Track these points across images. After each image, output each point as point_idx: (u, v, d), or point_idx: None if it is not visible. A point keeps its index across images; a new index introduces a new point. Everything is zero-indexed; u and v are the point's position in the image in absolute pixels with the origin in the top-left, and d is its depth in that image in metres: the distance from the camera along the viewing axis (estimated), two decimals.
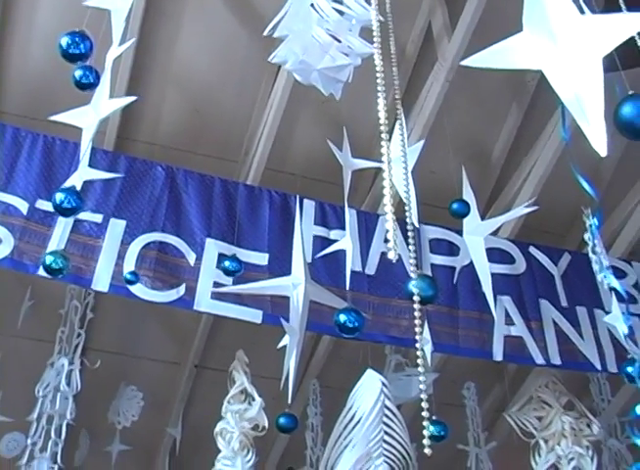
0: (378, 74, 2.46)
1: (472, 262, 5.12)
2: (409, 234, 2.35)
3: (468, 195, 4.88)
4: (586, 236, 4.65)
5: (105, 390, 6.80)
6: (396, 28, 3.09)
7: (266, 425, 5.37)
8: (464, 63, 2.29)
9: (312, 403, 6.81)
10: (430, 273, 5.23)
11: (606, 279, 4.53)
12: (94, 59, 3.18)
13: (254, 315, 4.84)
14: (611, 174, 6.26)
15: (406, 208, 2.49)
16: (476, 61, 2.25)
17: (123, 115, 5.64)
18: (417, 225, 3.34)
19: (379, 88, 2.40)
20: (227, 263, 4.70)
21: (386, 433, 4.11)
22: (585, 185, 2.99)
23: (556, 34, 2.24)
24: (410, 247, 2.33)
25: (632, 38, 3.02)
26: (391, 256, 1.95)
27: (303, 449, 6.71)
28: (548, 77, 2.26)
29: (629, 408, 4.21)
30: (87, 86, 3.28)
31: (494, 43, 2.03)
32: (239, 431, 5.37)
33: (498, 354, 5.31)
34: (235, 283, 4.79)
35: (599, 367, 5.60)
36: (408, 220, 2.39)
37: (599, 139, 2.02)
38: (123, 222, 4.95)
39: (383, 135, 2.38)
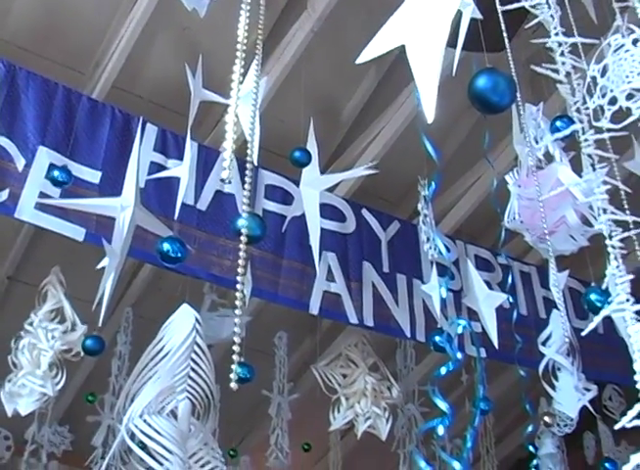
0: (242, 12, 2.42)
1: (303, 214, 5.17)
2: (247, 172, 2.32)
3: (312, 146, 4.90)
4: (419, 205, 4.76)
5: None
6: None
7: (81, 352, 5.27)
8: (358, 61, 2.34)
9: (123, 331, 6.72)
10: None
11: (430, 250, 4.65)
12: None
13: (77, 232, 4.68)
14: (452, 153, 6.43)
15: (248, 145, 2.46)
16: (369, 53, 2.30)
17: None
18: (255, 163, 3.32)
19: (240, 25, 2.36)
20: (56, 173, 4.50)
21: (192, 369, 4.08)
22: (429, 148, 3.06)
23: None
24: (246, 186, 2.30)
25: (497, 22, 3.10)
26: (225, 175, 1.92)
27: (107, 376, 6.64)
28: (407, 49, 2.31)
29: (430, 377, 4.37)
30: None
31: None
32: (52, 351, 5.24)
33: (315, 308, 5.38)
34: (62, 196, 4.62)
35: (408, 334, 5.78)
36: (248, 159, 2.36)
37: (429, 105, 2.09)
38: None
39: (235, 68, 2.34)
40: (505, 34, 3.01)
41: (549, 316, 5.21)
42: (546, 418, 6.07)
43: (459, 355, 4.10)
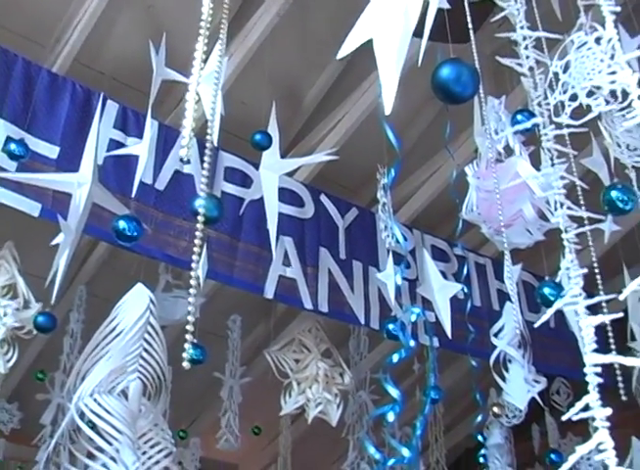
0: None
1: (262, 198, 5.16)
2: (206, 151, 2.30)
3: (273, 130, 4.89)
4: (378, 194, 4.77)
5: None
6: None
7: (33, 330, 5.21)
8: (338, 57, 2.35)
9: (76, 309, 6.66)
10: None
11: (388, 238, 4.67)
12: None
13: (33, 207, 4.62)
14: (413, 143, 6.45)
15: (209, 124, 2.44)
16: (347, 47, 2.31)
17: None
18: (215, 144, 3.30)
19: (205, 3, 2.34)
20: (13, 146, 4.42)
21: (145, 350, 4.06)
22: (390, 136, 3.06)
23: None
24: (205, 165, 2.28)
25: (464, 14, 3.12)
26: (183, 153, 1.90)
27: (59, 354, 6.58)
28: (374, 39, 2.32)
29: (382, 364, 4.40)
30: None
31: None
32: (4, 327, 5.17)
33: (270, 292, 5.38)
34: (19, 170, 4.55)
35: (362, 321, 5.81)
36: (208, 138, 2.34)
37: (388, 97, 2.10)
38: None
39: (197, 46, 2.32)
40: (471, 26, 3.03)
41: (502, 308, 5.27)
42: (495, 409, 6.15)
43: (412, 343, 4.13)
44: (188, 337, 2.02)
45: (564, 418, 1.78)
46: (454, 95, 2.54)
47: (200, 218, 2.23)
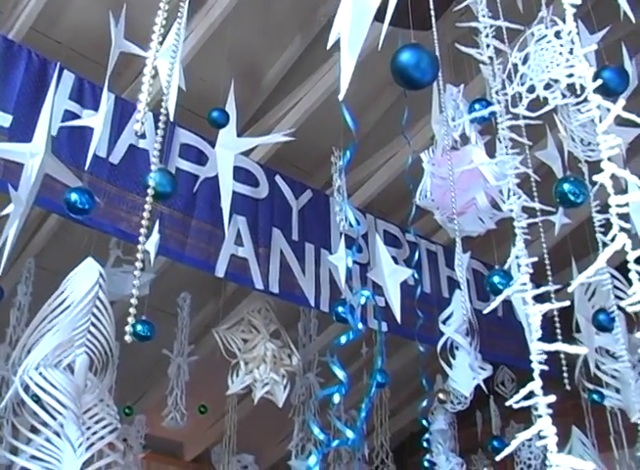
0: None
1: (217, 176, 5.13)
2: (159, 124, 2.28)
3: (230, 108, 4.87)
4: (334, 176, 4.78)
5: None
6: None
7: None
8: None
9: (24, 282, 6.57)
10: None
11: (342, 222, 4.68)
12: None
13: None
14: (370, 127, 6.46)
15: (164, 98, 2.42)
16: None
17: None
18: (172, 119, 3.27)
19: None
20: None
21: (92, 324, 4.03)
22: (348, 118, 3.07)
23: None
24: (157, 138, 2.27)
25: (426, 1, 3.12)
26: (137, 127, 1.89)
27: (5, 327, 6.50)
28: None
29: (329, 347, 4.42)
30: None
31: None
32: None
33: (220, 271, 5.35)
34: None
35: (312, 303, 5.81)
36: (163, 111, 2.32)
37: (344, 81, 2.12)
38: None
39: (157, 20, 2.30)
40: (433, 13, 3.04)
41: (452, 296, 5.31)
42: (440, 395, 6.23)
43: (360, 326, 4.15)
44: (131, 310, 2.01)
45: (507, 404, 1.80)
46: (413, 80, 2.54)
47: (149, 191, 2.22)
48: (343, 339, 4.00)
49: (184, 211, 5.32)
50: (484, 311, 2.57)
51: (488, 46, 2.97)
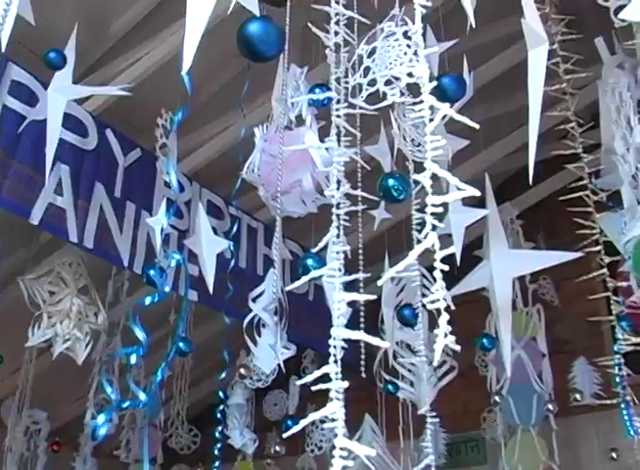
0: None
1: (45, 120, 4.93)
2: None
3: (70, 51, 4.71)
4: (158, 137, 4.73)
5: None
6: None
7: None
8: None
9: None
10: None
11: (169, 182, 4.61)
12: None
13: None
14: (210, 95, 6.41)
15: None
16: None
17: None
18: (3, 49, 3.12)
19: None
20: None
21: None
22: (186, 79, 3.02)
23: None
24: None
25: None
26: None
27: None
28: None
29: (133, 307, 4.38)
30: None
31: None
32: None
33: (36, 218, 5.14)
34: None
35: (126, 264, 5.70)
36: None
37: (187, 53, 2.11)
38: None
39: None
40: None
41: (266, 274, 5.34)
42: (242, 370, 6.26)
43: (167, 289, 4.12)
44: None
45: (298, 383, 1.84)
46: (257, 52, 2.54)
47: None
48: (148, 300, 3.95)
49: (5, 151, 5.06)
50: (287, 288, 2.62)
51: (337, 33, 3.00)
